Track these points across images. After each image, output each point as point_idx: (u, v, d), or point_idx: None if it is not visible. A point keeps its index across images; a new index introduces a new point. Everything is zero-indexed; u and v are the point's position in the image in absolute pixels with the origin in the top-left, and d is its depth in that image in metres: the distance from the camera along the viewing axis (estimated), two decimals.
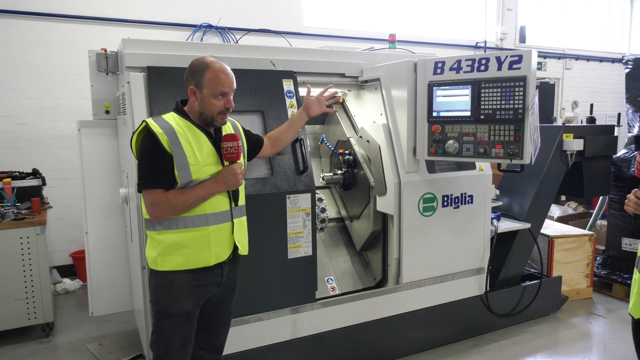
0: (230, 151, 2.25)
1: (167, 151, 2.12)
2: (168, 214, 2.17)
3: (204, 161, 2.22)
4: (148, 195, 2.16)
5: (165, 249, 2.22)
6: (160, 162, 2.13)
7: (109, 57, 3.49)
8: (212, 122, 2.27)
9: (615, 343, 3.86)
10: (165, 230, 2.21)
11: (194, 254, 2.23)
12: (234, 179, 2.25)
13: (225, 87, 2.23)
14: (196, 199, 2.18)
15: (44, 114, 5.30)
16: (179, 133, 2.17)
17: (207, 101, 2.22)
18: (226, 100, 2.26)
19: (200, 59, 2.27)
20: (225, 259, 2.33)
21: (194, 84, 2.23)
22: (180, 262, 2.22)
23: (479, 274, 3.80)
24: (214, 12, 6.04)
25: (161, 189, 2.16)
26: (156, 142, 2.12)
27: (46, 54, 5.27)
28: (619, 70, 9.87)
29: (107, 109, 3.68)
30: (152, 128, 2.14)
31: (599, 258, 5.04)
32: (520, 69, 2.88)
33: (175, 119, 2.24)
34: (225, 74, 2.24)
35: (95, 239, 3.58)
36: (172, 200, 2.14)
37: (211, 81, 2.21)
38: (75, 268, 5.42)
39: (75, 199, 5.44)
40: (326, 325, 3.24)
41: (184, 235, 2.21)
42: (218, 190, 2.24)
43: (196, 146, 2.20)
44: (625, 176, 4.77)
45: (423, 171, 3.46)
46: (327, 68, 3.60)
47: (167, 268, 2.23)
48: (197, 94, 2.23)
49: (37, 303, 3.93)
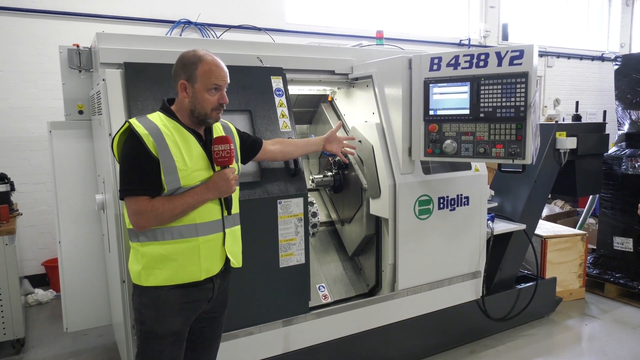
0: (221, 155, 2.05)
1: (153, 154, 1.93)
2: (154, 224, 1.98)
3: (194, 166, 2.02)
4: (132, 203, 1.96)
5: (150, 262, 2.02)
6: (145, 166, 1.93)
7: (81, 53, 3.26)
8: (206, 119, 2.07)
9: (613, 345, 3.78)
10: (150, 241, 2.01)
11: (182, 268, 2.02)
12: (226, 185, 2.05)
13: (219, 80, 2.05)
14: (185, 207, 1.98)
15: (11, 115, 4.99)
16: (166, 134, 1.98)
17: (200, 96, 2.03)
18: (220, 95, 2.07)
19: (191, 51, 2.08)
20: (216, 273, 2.13)
21: (184, 77, 2.04)
22: (166, 277, 2.02)
23: (475, 278, 3.67)
24: (193, 7, 5.80)
25: (146, 196, 1.96)
26: (140, 144, 1.92)
27: (13, 51, 4.96)
28: (599, 68, 9.98)
29: (81, 109, 3.43)
30: (136, 129, 1.94)
31: (590, 257, 4.99)
32: (522, 64, 2.75)
33: (161, 119, 2.04)
34: (219, 67, 2.07)
35: (69, 249, 3.33)
36: (159, 208, 1.94)
37: (204, 74, 2.02)
38: (48, 277, 5.13)
39: (47, 205, 5.15)
40: (320, 337, 3.06)
41: (171, 247, 2.01)
42: (209, 197, 2.04)
43: (185, 149, 2.01)
44: (616, 174, 4.72)
45: (418, 172, 3.31)
46: (316, 65, 3.42)
47: (153, 283, 2.03)
48: (189, 88, 2.04)
49: (6, 318, 3.66)
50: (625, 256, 4.68)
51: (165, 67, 2.70)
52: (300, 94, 3.80)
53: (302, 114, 4.03)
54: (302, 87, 3.65)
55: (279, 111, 2.97)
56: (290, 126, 2.99)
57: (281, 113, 2.97)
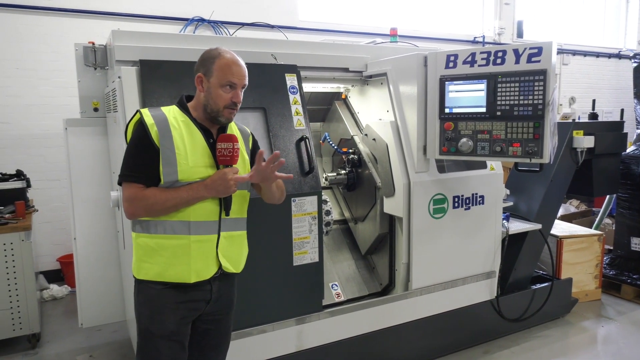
0: (223, 153, 1.97)
1: (155, 143, 1.91)
2: (143, 213, 1.94)
3: (195, 161, 1.97)
4: (126, 189, 1.95)
5: (141, 255, 2.00)
6: (145, 154, 1.92)
7: (97, 51, 3.26)
8: (217, 116, 2.02)
9: (631, 348, 3.71)
10: (144, 233, 1.99)
11: (171, 266, 1.96)
12: (224, 185, 1.94)
13: (234, 78, 2.00)
14: (178, 201, 1.92)
15: (27, 112, 5.04)
16: (173, 126, 1.96)
17: (214, 91, 1.99)
18: (234, 93, 2.01)
19: (213, 48, 2.06)
20: (209, 277, 2.03)
21: (202, 71, 2.02)
22: (155, 273, 1.97)
23: (489, 278, 3.63)
24: (206, 5, 5.81)
25: (140, 184, 1.93)
26: (145, 132, 1.92)
27: (29, 49, 5.00)
28: (616, 66, 9.83)
29: (96, 106, 3.45)
30: (144, 118, 1.95)
31: (606, 258, 4.91)
32: (540, 61, 2.70)
33: (173, 112, 2.03)
34: (237, 65, 2.03)
35: (84, 245, 3.36)
36: (150, 198, 1.91)
37: (221, 69, 1.99)
38: (63, 273, 5.17)
39: (61, 201, 5.19)
40: (333, 335, 3.05)
41: (161, 242, 1.96)
42: (205, 195, 1.96)
43: (189, 143, 1.97)
44: (633, 174, 4.63)
45: (433, 171, 3.28)
46: (330, 62, 3.40)
47: (143, 277, 2.01)
48: (204, 82, 2.01)
49: (22, 313, 3.69)
50: None
51: (180, 64, 2.72)
52: (314, 92, 3.78)
53: (316, 112, 4.01)
54: (316, 85, 3.64)
55: (293, 109, 2.96)
56: (305, 124, 2.97)
57: (295, 111, 2.96)
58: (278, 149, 2.84)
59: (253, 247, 2.71)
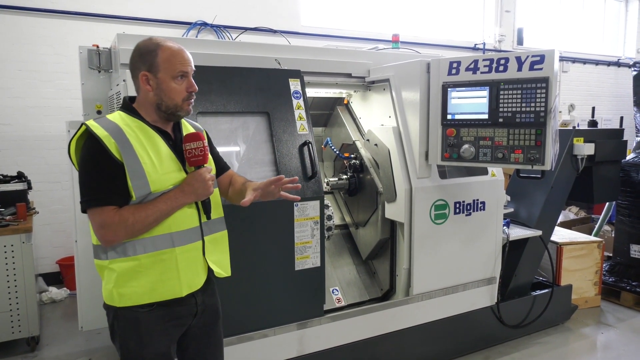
0: (194, 153, 1.82)
1: (116, 158, 1.69)
2: (123, 237, 1.73)
3: (164, 168, 1.79)
4: (96, 215, 1.71)
5: (121, 280, 1.77)
6: (108, 172, 1.70)
7: (101, 54, 3.27)
8: (176, 112, 1.84)
9: (631, 355, 3.72)
10: (120, 257, 1.77)
11: (160, 283, 1.80)
12: (203, 187, 1.82)
13: (185, 66, 1.82)
14: (158, 215, 1.75)
15: (29, 114, 5.05)
16: (129, 134, 1.74)
17: (166, 87, 1.80)
18: (188, 82, 1.84)
19: (147, 39, 1.86)
20: (200, 287, 1.91)
21: (145, 68, 1.80)
22: (141, 295, 1.78)
23: (490, 284, 3.64)
24: (209, 9, 5.83)
25: (112, 206, 1.72)
26: (100, 147, 1.69)
27: (32, 51, 5.01)
28: (615, 73, 9.88)
29: (99, 109, 3.45)
30: (93, 131, 1.70)
31: (605, 265, 4.92)
32: (542, 69, 2.73)
33: (122, 118, 1.80)
34: (182, 51, 1.83)
35: (85, 248, 3.35)
36: (129, 219, 1.70)
37: (167, 61, 1.79)
38: (62, 276, 5.16)
39: (62, 204, 5.19)
40: (334, 340, 3.05)
41: (145, 262, 1.77)
42: (184, 202, 1.81)
43: (152, 150, 1.78)
44: (633, 181, 4.65)
45: (435, 177, 3.29)
46: (333, 68, 3.42)
47: (126, 303, 1.79)
48: (152, 79, 1.80)
49: (22, 316, 3.68)
50: None
51: None
52: (316, 97, 3.80)
53: (318, 117, 4.03)
54: (319, 90, 3.66)
55: (297, 114, 2.97)
56: (308, 129, 2.98)
57: (299, 115, 2.97)
58: (281, 154, 2.85)
59: (255, 252, 2.74)
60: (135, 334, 1.83)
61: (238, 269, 2.61)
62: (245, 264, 2.68)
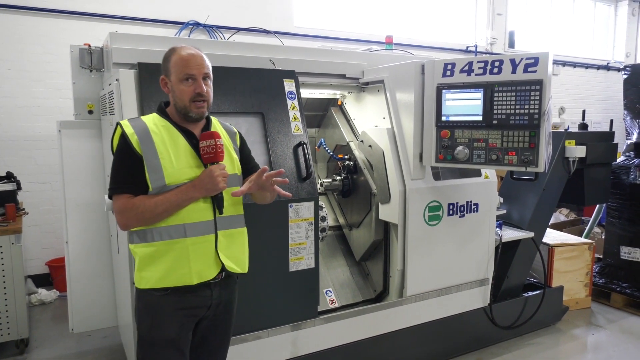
0: (207, 150, 1.96)
1: (137, 152, 1.91)
2: (135, 223, 1.93)
3: (180, 164, 1.96)
4: (116, 201, 1.94)
5: (141, 265, 1.98)
6: (129, 164, 1.91)
7: (93, 53, 3.23)
8: (187, 112, 1.99)
9: (621, 356, 3.75)
10: (141, 242, 1.97)
11: (172, 270, 1.95)
12: (212, 183, 1.93)
13: (191, 69, 1.96)
14: (167, 205, 1.90)
15: (18, 114, 4.98)
16: (153, 132, 1.95)
17: (176, 88, 1.98)
18: (196, 84, 1.97)
19: (169, 49, 2.06)
20: (211, 279, 2.01)
21: (164, 73, 2.04)
22: (157, 279, 1.96)
23: (482, 285, 3.65)
24: (201, 9, 5.80)
25: (128, 194, 1.92)
26: (126, 142, 1.92)
27: (21, 50, 4.95)
28: (604, 77, 9.98)
29: (90, 109, 3.42)
30: (124, 129, 1.95)
31: (595, 267, 4.96)
32: (536, 72, 2.75)
33: (153, 119, 2.03)
34: (192, 56, 1.99)
35: (76, 249, 3.31)
36: (139, 206, 1.89)
37: (176, 64, 1.98)
38: (52, 277, 5.09)
39: (52, 204, 5.13)
40: (328, 342, 3.04)
41: (159, 249, 1.95)
42: (195, 196, 1.94)
43: (172, 147, 1.96)
44: (624, 184, 4.70)
45: (429, 178, 3.30)
46: (327, 68, 3.41)
47: (145, 286, 1.98)
48: (168, 83, 2.02)
49: (10, 318, 3.63)
50: (632, 266, 4.66)
51: None
52: (310, 98, 3.79)
53: (311, 118, 4.01)
54: (313, 91, 3.65)
55: (291, 114, 2.96)
56: (302, 130, 2.97)
57: (293, 116, 2.96)
58: (275, 155, 2.84)
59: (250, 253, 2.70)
60: (148, 316, 2.00)
61: None
62: None
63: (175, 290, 1.97)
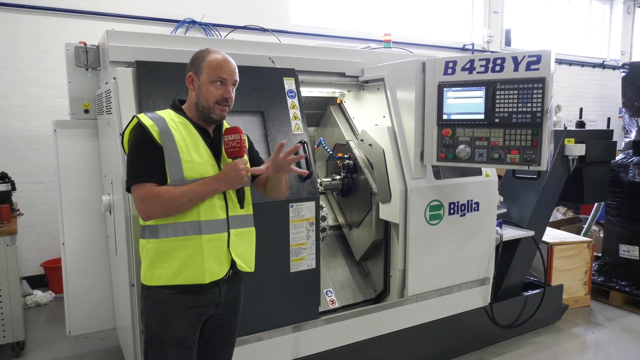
0: (232, 145, 2.00)
1: (158, 143, 1.91)
2: (158, 212, 1.91)
3: (198, 159, 1.98)
4: (138, 190, 1.91)
5: (153, 261, 1.97)
6: (151, 154, 1.92)
7: (89, 51, 3.20)
8: (209, 113, 2.02)
9: (621, 355, 3.74)
10: (153, 238, 1.96)
11: (185, 268, 1.95)
12: (237, 176, 1.97)
13: (224, 74, 2.01)
14: (192, 195, 1.92)
15: (13, 113, 4.91)
16: (172, 127, 1.96)
17: (204, 88, 2.00)
18: (225, 89, 2.02)
19: (204, 49, 2.09)
20: (222, 277, 2.03)
21: (193, 70, 2.05)
22: (169, 277, 1.95)
23: (483, 285, 3.63)
24: (197, 7, 5.75)
25: (152, 182, 1.91)
26: (146, 133, 1.92)
27: (15, 49, 4.88)
28: (600, 75, 10.00)
29: (87, 108, 3.37)
30: (142, 121, 1.94)
31: (594, 265, 4.96)
32: (539, 69, 2.71)
33: (169, 114, 2.04)
34: (226, 61, 2.04)
35: (73, 250, 3.27)
36: (164, 194, 1.89)
37: (210, 65, 2.01)
38: (47, 279, 5.03)
39: (47, 205, 5.06)
40: (329, 343, 3.01)
41: (172, 245, 1.95)
42: (218, 189, 1.98)
43: (190, 143, 1.98)
44: (622, 182, 4.70)
45: (429, 177, 3.27)
46: (327, 66, 3.38)
47: (156, 283, 1.97)
48: (195, 81, 2.03)
49: (6, 320, 3.57)
50: (631, 264, 4.66)
51: (178, 66, 2.65)
52: (309, 96, 3.76)
53: (310, 117, 3.96)
54: (312, 89, 3.62)
55: (291, 113, 2.92)
56: (303, 128, 2.94)
57: (293, 115, 2.92)
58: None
59: None
60: (158, 315, 1.99)
61: None
62: None
63: (184, 288, 1.97)
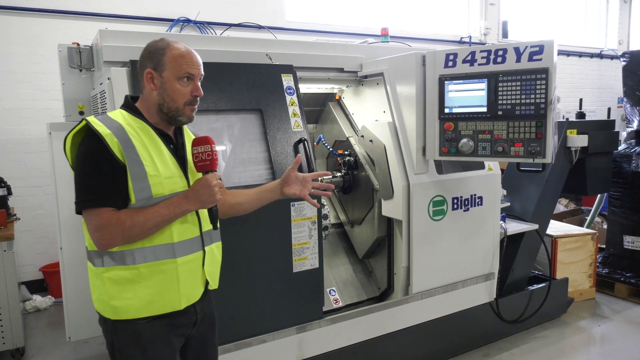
0: (201, 157, 1.72)
1: (118, 158, 1.61)
2: (120, 241, 1.64)
3: (166, 172, 1.71)
4: (93, 216, 1.62)
5: (115, 292, 1.69)
6: (109, 172, 1.61)
7: (82, 52, 3.11)
8: (177, 116, 1.75)
9: (629, 347, 3.70)
10: (118, 265, 1.68)
11: (158, 297, 1.71)
12: (209, 194, 1.69)
13: (192, 68, 1.74)
14: (159, 220, 1.65)
15: (6, 117, 4.85)
16: (131, 135, 1.66)
17: (170, 87, 1.72)
18: (193, 86, 1.75)
19: (158, 39, 1.79)
20: (198, 299, 1.85)
21: (151, 66, 1.73)
22: (139, 308, 1.70)
23: (488, 280, 3.59)
24: (192, 6, 5.68)
25: (111, 207, 1.63)
26: (102, 146, 1.60)
27: (7, 51, 4.81)
28: (598, 65, 9.96)
29: (81, 110, 3.30)
30: (95, 127, 1.61)
31: (598, 257, 4.91)
32: (542, 60, 2.66)
33: (125, 118, 1.72)
34: (190, 53, 1.76)
35: (71, 255, 3.20)
36: (127, 221, 1.61)
37: (174, 60, 1.72)
38: (46, 283, 4.98)
39: (44, 209, 5.00)
40: (334, 343, 2.96)
41: (144, 272, 1.68)
42: (188, 209, 1.71)
43: (155, 152, 1.70)
44: (625, 172, 4.65)
45: (432, 172, 3.22)
46: (325, 62, 3.32)
47: (124, 317, 1.70)
48: (156, 78, 1.73)
49: (5, 327, 3.52)
50: (636, 255, 4.62)
51: None
52: (307, 93, 3.69)
53: (308, 113, 3.89)
54: (310, 86, 3.55)
55: (290, 110, 2.87)
56: (303, 126, 2.88)
57: (293, 112, 2.86)
58: (275, 152, 2.75)
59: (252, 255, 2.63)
60: (138, 348, 1.73)
61: (234, 273, 2.53)
62: (241, 268, 2.58)
63: (159, 315, 1.75)
